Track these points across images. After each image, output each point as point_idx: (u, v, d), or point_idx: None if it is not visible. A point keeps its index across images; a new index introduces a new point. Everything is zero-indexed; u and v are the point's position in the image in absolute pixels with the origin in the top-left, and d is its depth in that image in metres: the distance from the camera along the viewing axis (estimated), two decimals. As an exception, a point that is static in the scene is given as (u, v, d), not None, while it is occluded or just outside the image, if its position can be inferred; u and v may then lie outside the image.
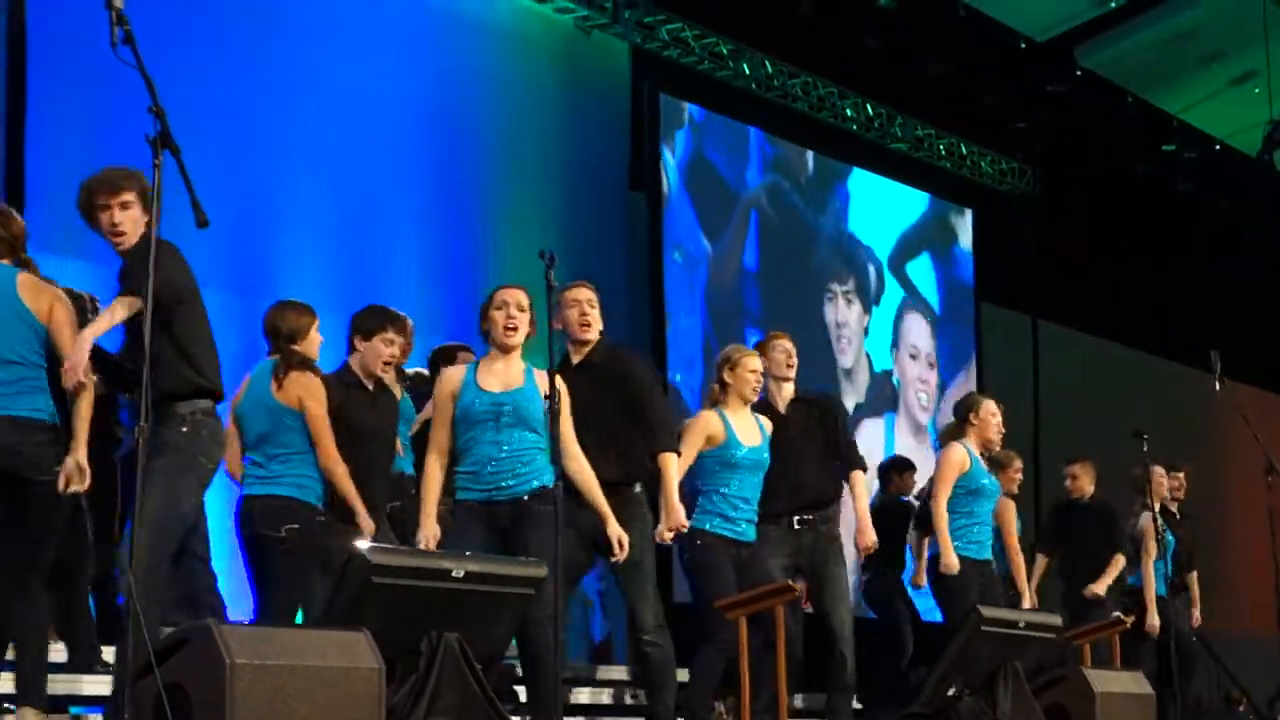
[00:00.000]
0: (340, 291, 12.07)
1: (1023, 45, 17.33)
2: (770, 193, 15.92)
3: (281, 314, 7.35)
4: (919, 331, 17.50)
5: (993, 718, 8.02)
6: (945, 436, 9.95)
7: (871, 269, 16.84)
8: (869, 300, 16.72)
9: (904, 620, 11.86)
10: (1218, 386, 10.39)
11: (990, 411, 9.54)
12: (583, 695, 10.24)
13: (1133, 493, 11.63)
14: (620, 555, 7.22)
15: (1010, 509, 10.39)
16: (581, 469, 7.11)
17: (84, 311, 7.28)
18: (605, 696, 10.46)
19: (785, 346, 8.83)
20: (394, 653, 5.63)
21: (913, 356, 17.38)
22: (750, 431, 8.26)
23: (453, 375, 7.16)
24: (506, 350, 7.08)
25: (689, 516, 7.95)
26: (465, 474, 7.06)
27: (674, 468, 7.68)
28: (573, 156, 14.04)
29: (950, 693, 8.08)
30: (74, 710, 7.28)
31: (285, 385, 7.12)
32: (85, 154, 10.08)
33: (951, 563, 9.14)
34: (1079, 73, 17.77)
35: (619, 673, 11.54)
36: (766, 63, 15.74)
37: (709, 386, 8.63)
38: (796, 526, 8.58)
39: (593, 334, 7.73)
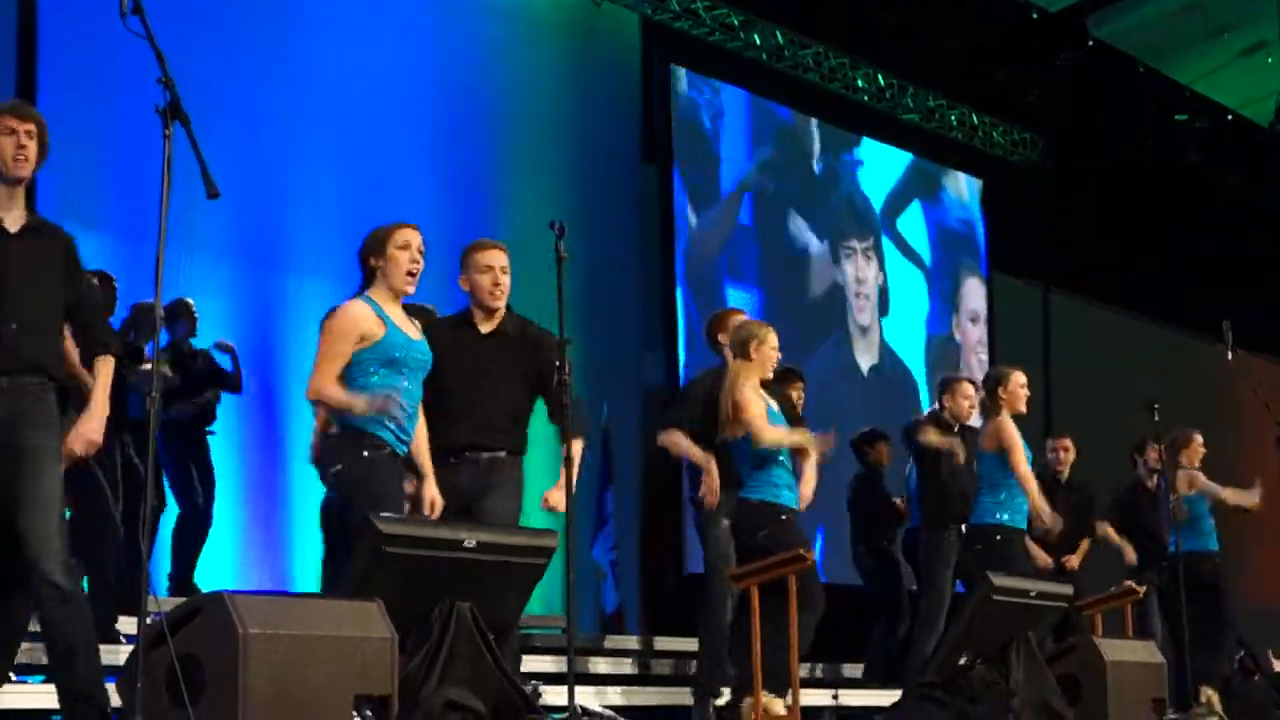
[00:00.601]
0: (350, 264, 12.08)
1: (1034, 16, 17.28)
2: (781, 163, 15.90)
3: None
4: (977, 296, 17.65)
5: (1005, 687, 8.02)
6: (982, 410, 9.97)
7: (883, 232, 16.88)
8: (883, 261, 16.75)
9: (899, 591, 11.82)
10: (1230, 357, 10.39)
11: (1019, 383, 9.61)
12: (598, 665, 10.27)
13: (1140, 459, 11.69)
14: (430, 514, 6.90)
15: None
16: (420, 429, 6.88)
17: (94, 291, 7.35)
18: (620, 666, 10.49)
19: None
20: (406, 622, 5.65)
21: (972, 320, 17.50)
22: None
23: (363, 310, 6.70)
24: (402, 295, 6.80)
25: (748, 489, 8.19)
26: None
27: (579, 452, 7.37)
28: (584, 129, 14.02)
29: (962, 662, 8.09)
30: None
31: None
32: (96, 125, 10.11)
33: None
34: (1090, 43, 17.71)
35: (631, 642, 11.59)
36: (778, 33, 15.71)
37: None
38: None
39: (503, 302, 7.31)
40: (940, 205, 17.67)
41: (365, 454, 6.40)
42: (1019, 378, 9.65)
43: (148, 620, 5.14)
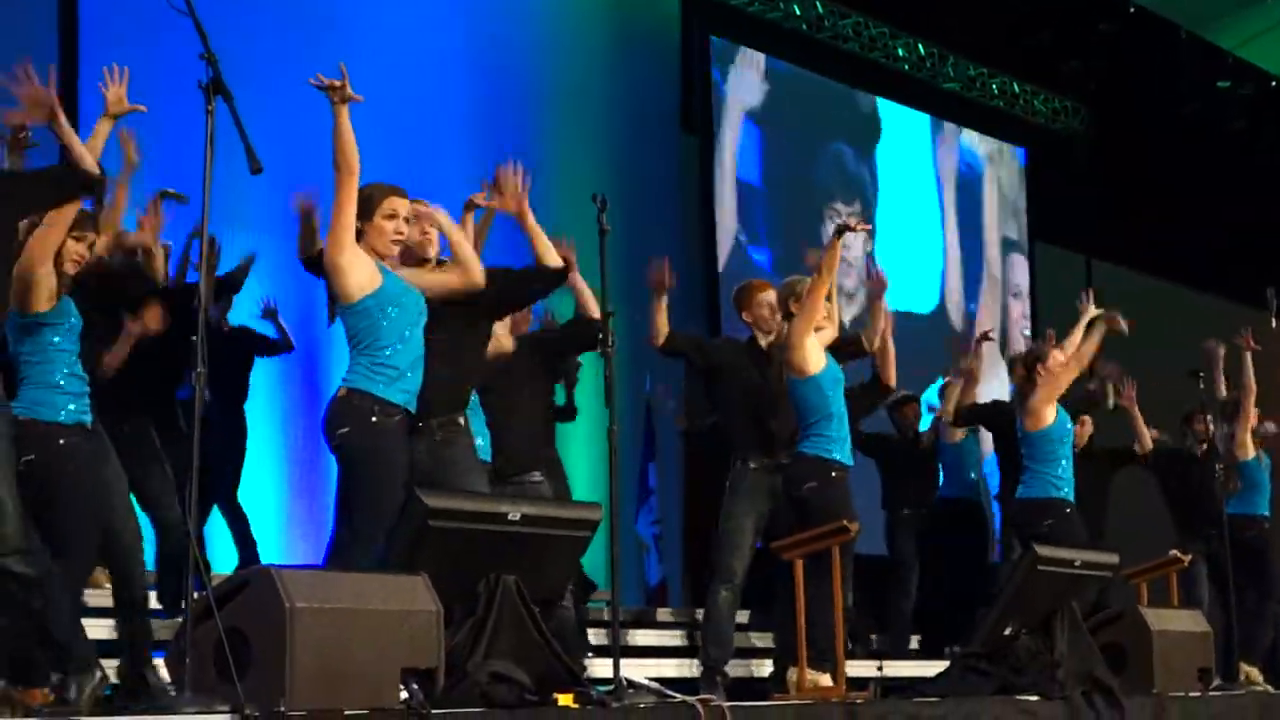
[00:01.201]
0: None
1: (1075, -17, 17.23)
2: (817, 132, 15.88)
3: None
4: (1021, 271, 17.62)
5: (1050, 658, 8.00)
6: (1020, 388, 9.89)
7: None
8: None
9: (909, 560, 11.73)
10: (1275, 324, 10.33)
11: (1059, 362, 9.52)
12: (639, 637, 10.28)
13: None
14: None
15: None
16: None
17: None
18: (663, 639, 10.50)
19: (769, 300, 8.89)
20: (452, 596, 5.66)
21: (1015, 295, 17.47)
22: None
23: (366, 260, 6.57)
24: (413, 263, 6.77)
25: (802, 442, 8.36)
26: (389, 369, 6.45)
27: None
28: (624, 99, 14.02)
29: (1007, 632, 8.07)
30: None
31: None
32: (139, 100, 10.12)
33: None
34: (1132, 10, 17.61)
35: (674, 615, 11.60)
36: (818, 3, 15.67)
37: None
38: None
39: (435, 253, 7.08)
40: (978, 174, 17.62)
41: (374, 419, 6.33)
42: (1059, 356, 9.58)
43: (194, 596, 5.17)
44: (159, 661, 6.56)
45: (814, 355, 8.34)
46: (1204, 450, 11.44)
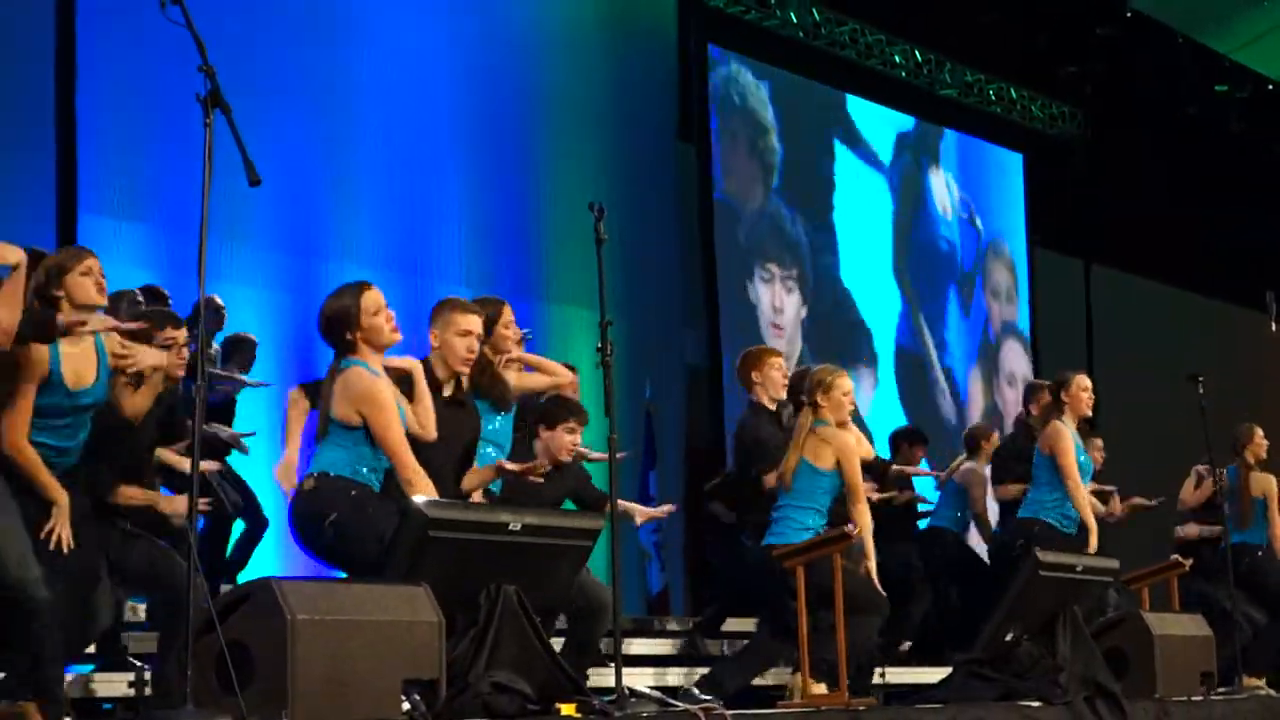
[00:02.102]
0: (388, 247, 12.11)
1: (1072, -12, 17.24)
2: (818, 139, 15.88)
3: None
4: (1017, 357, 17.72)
5: (1052, 663, 8.01)
6: (1041, 414, 9.82)
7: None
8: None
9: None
10: (1274, 328, 10.31)
11: (1081, 387, 9.43)
12: (641, 646, 10.27)
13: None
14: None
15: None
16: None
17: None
18: (664, 647, 10.49)
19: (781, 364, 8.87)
20: (453, 606, 5.66)
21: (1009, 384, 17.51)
22: None
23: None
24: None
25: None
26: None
27: None
28: (620, 108, 14.02)
29: (1009, 638, 8.07)
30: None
31: None
32: (137, 116, 10.13)
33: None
34: (1129, 15, 17.62)
35: (676, 624, 11.59)
36: (814, 10, 15.68)
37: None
38: None
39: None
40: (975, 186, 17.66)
41: (353, 494, 6.27)
42: (1082, 381, 9.50)
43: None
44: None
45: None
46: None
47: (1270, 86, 19.50)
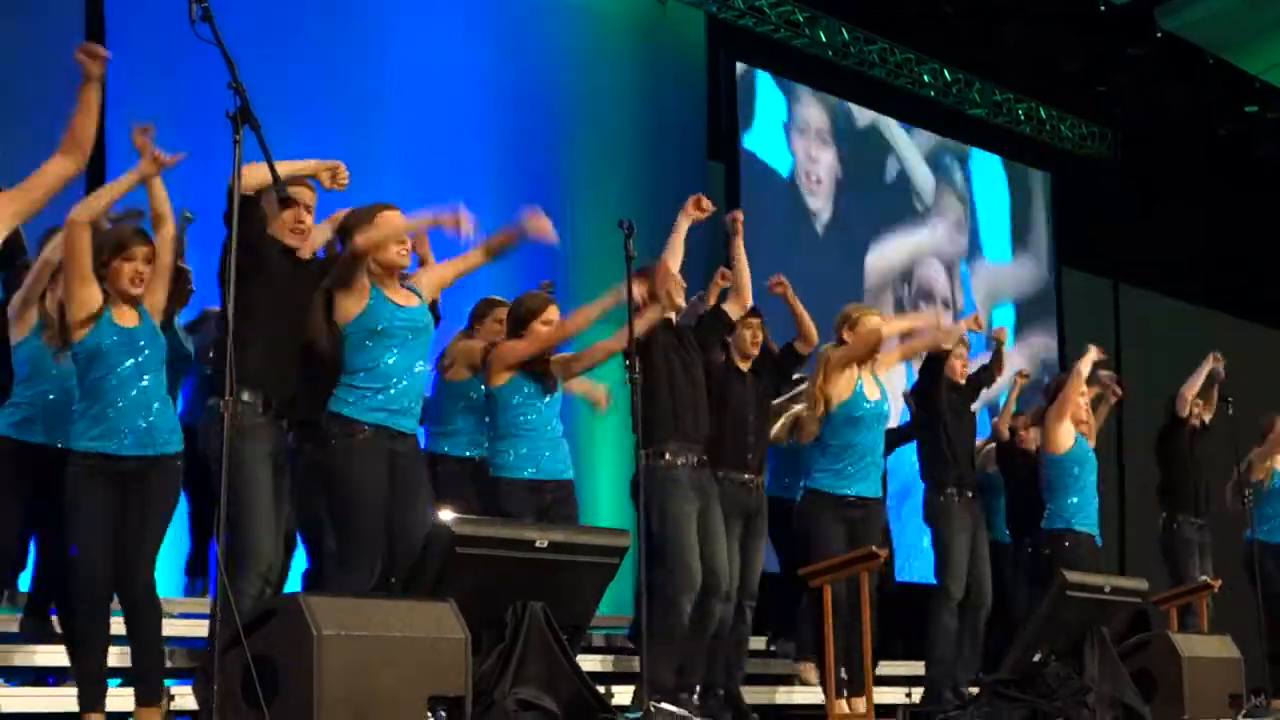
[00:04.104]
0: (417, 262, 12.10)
1: (1102, 8, 17.16)
2: (847, 160, 15.86)
3: None
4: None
5: (1080, 683, 7.98)
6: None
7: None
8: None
9: None
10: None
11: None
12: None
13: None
14: None
15: None
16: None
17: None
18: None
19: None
20: (479, 623, 5.66)
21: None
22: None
23: None
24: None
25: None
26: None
27: None
28: (650, 126, 14.03)
29: (1036, 658, 8.05)
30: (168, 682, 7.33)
31: None
32: (167, 132, 10.14)
33: None
34: (1158, 35, 17.58)
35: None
36: (843, 30, 15.68)
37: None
38: None
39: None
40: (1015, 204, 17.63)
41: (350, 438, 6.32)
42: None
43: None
44: (183, 689, 6.58)
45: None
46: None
47: (1300, 108, 19.45)
